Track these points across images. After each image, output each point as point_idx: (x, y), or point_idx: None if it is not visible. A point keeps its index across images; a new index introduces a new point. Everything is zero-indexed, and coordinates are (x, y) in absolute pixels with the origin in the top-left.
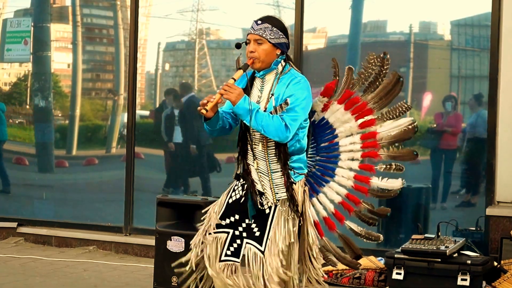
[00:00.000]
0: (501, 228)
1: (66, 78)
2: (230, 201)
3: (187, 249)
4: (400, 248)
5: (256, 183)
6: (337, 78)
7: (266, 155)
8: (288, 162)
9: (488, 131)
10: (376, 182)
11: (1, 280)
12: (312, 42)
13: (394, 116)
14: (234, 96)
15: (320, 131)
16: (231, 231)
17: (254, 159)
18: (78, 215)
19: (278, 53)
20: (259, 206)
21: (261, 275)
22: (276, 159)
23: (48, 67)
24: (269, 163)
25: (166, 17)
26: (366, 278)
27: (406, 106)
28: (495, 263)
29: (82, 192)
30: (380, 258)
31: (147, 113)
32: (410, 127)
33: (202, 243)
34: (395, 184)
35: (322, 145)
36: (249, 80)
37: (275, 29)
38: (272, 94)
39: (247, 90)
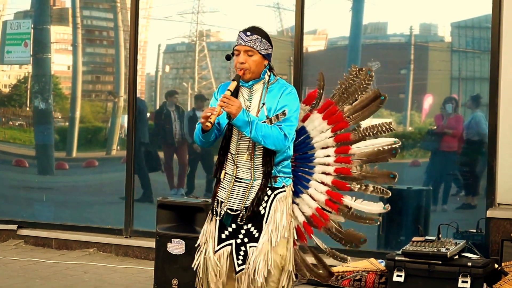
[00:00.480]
0: (502, 230)
1: (66, 80)
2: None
3: (188, 251)
4: (401, 250)
5: (219, 194)
6: (321, 91)
7: (252, 164)
8: (279, 168)
9: (488, 133)
10: (349, 201)
11: (1, 283)
12: (312, 44)
13: (372, 134)
14: (234, 109)
15: (299, 140)
16: (233, 241)
17: (235, 168)
18: (78, 217)
19: (266, 64)
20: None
21: (258, 268)
22: (261, 167)
23: (48, 69)
24: (254, 171)
25: (166, 19)
26: (367, 280)
27: (388, 126)
28: (496, 265)
29: (82, 194)
30: (380, 260)
31: (148, 115)
32: (386, 147)
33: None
34: (372, 208)
35: (299, 154)
36: (234, 89)
37: (264, 40)
38: (263, 104)
39: None
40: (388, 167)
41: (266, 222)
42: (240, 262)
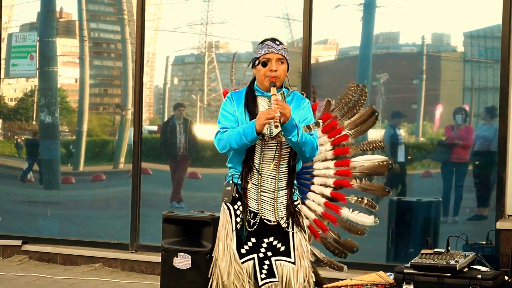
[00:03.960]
0: None
1: (73, 93)
2: (239, 227)
3: (194, 265)
4: (410, 263)
5: (250, 205)
6: (317, 102)
7: (276, 174)
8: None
9: (498, 144)
10: (346, 213)
11: None
12: (323, 54)
13: (368, 149)
14: (288, 112)
15: None
16: (255, 255)
17: (260, 178)
18: (84, 232)
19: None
20: (248, 228)
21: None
22: (286, 177)
23: (55, 82)
24: (278, 181)
25: (174, 31)
26: None
27: (379, 144)
28: (506, 278)
29: (88, 208)
30: (389, 273)
31: (155, 128)
32: (383, 163)
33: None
34: (366, 220)
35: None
36: (249, 98)
37: (287, 50)
38: None
39: (249, 107)
40: (401, 178)
41: (293, 239)
42: (263, 276)
